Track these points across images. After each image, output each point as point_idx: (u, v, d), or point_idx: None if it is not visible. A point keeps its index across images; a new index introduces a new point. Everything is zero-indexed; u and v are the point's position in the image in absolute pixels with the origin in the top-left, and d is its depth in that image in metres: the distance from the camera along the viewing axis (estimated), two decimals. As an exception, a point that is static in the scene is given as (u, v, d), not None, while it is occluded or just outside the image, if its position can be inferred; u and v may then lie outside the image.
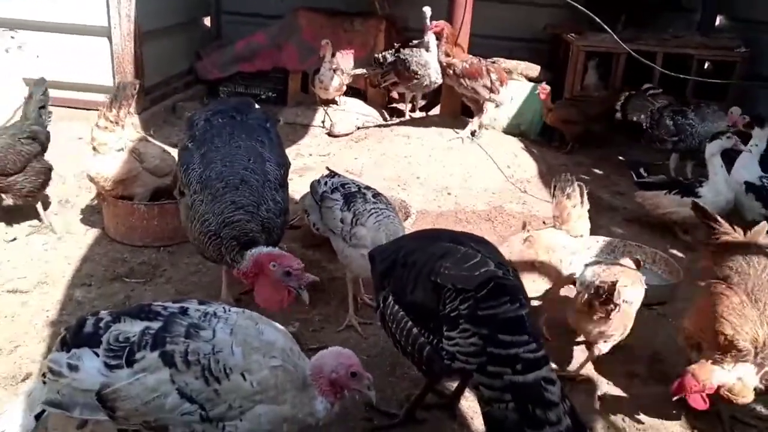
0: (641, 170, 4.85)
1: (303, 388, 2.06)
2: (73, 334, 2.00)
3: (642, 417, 2.88)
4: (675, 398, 2.68)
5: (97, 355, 1.94)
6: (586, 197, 3.50)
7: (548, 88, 6.23)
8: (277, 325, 2.20)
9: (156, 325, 1.99)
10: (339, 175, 3.63)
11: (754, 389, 2.69)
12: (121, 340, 1.95)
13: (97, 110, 4.07)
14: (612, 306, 2.82)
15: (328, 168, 3.92)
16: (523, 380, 2.10)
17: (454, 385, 2.84)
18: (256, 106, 3.71)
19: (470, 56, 5.82)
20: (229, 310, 2.11)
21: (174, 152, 3.97)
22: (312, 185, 3.57)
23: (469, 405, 2.81)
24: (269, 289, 2.80)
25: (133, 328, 1.98)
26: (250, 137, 3.28)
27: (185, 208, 3.21)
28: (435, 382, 2.70)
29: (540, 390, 2.10)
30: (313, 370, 2.08)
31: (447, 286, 2.25)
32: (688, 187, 4.55)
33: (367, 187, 3.46)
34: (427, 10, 5.81)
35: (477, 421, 2.72)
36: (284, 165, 3.40)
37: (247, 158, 3.17)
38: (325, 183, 3.48)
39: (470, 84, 5.70)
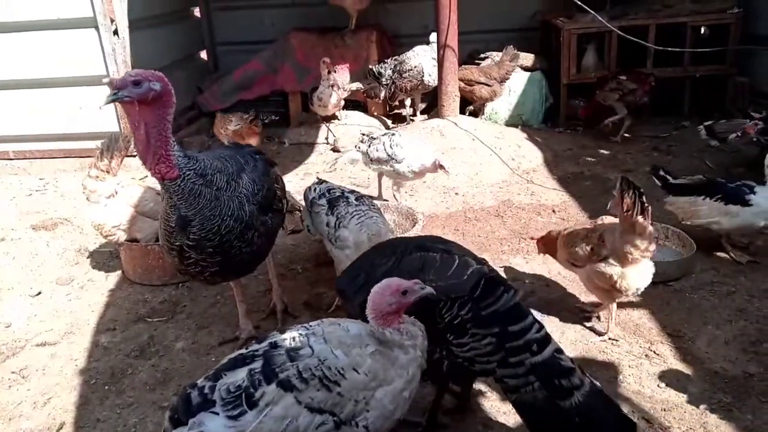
0: (661, 171, 4.09)
1: (388, 351, 2.12)
2: (182, 410, 1.99)
3: (662, 384, 2.89)
4: None
5: (217, 414, 1.96)
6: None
7: None
8: (355, 321, 2.27)
9: (258, 364, 2.03)
10: (326, 182, 3.83)
11: None
12: (233, 389, 1.98)
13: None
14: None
15: (317, 177, 4.06)
16: (542, 358, 2.19)
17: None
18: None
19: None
20: (311, 326, 2.18)
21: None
22: (304, 193, 3.75)
23: (491, 405, 2.83)
24: None
25: (237, 376, 2.02)
26: (236, 153, 3.13)
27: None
28: (445, 388, 2.72)
29: (557, 361, 2.19)
30: (375, 322, 2.14)
31: (441, 299, 2.25)
32: (734, 191, 3.79)
33: (351, 192, 3.62)
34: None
35: (501, 419, 2.73)
36: (262, 187, 3.05)
37: (225, 159, 2.94)
38: (315, 189, 3.68)
39: None
